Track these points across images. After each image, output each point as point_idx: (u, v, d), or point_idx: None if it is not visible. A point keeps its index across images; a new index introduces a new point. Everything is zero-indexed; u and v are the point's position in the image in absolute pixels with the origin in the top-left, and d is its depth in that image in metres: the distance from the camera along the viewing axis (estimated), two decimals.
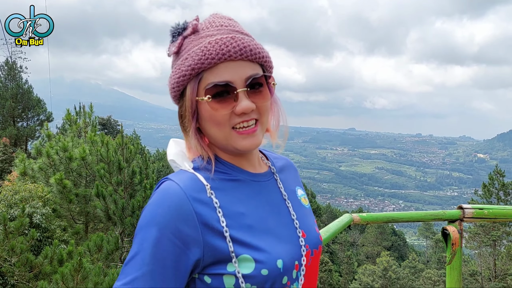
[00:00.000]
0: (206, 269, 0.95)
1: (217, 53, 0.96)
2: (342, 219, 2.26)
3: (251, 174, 1.08)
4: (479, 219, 2.42)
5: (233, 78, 0.97)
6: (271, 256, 0.96)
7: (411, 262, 41.79)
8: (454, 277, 2.40)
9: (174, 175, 0.99)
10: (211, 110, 0.98)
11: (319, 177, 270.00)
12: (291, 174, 1.23)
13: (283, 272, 0.97)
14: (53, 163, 10.34)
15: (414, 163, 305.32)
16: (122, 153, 10.16)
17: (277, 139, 1.15)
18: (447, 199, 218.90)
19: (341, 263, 45.99)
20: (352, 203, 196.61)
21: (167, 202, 0.93)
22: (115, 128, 33.56)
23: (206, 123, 1.02)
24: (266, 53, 1.03)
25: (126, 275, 0.90)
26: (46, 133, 11.86)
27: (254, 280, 0.93)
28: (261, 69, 1.03)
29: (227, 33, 1.00)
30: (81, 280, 7.57)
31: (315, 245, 1.10)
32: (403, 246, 57.93)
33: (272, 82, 1.05)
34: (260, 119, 1.01)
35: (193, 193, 0.95)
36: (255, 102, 0.99)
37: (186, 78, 0.99)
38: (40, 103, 30.23)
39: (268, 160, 1.19)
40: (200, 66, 0.97)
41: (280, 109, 1.13)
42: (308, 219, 1.15)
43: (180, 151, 1.08)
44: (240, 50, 0.97)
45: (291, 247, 1.02)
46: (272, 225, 1.02)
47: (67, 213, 10.65)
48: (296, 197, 1.17)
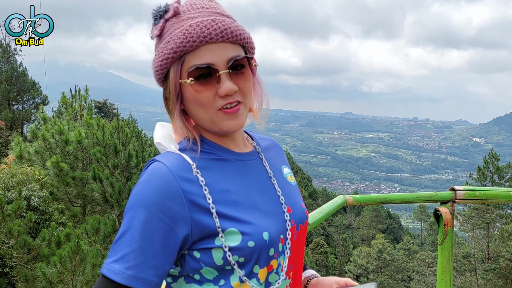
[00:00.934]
0: (195, 245, 0.98)
1: (198, 36, 0.97)
2: (335, 200, 2.30)
3: (236, 153, 1.10)
4: (471, 200, 2.47)
5: (215, 60, 0.98)
6: (257, 228, 0.99)
7: (406, 244, 42.38)
8: (445, 257, 2.45)
9: (160, 156, 1.02)
10: (195, 92, 1.00)
11: (315, 161, 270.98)
12: (277, 154, 1.26)
13: (269, 244, 1.00)
14: (49, 146, 10.33)
15: (410, 147, 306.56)
16: (118, 137, 10.15)
17: (259, 119, 1.17)
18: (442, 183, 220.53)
19: (336, 245, 46.56)
20: (348, 186, 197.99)
21: (154, 181, 0.95)
22: (111, 112, 33.42)
23: (190, 105, 1.03)
24: (247, 35, 1.04)
25: (117, 252, 0.92)
26: (42, 116, 11.81)
27: (241, 252, 0.97)
28: (243, 50, 1.04)
29: (208, 16, 1.00)
30: (79, 262, 7.64)
31: (301, 220, 1.13)
32: (398, 229, 58.62)
33: (254, 64, 1.07)
34: (243, 101, 1.03)
35: (180, 172, 0.98)
36: (238, 83, 1.01)
37: (168, 61, 1.01)
38: (35, 86, 29.99)
39: (253, 140, 1.22)
40: (182, 49, 0.98)
41: (264, 90, 1.15)
42: (294, 195, 1.18)
43: (166, 133, 1.10)
44: (221, 32, 0.98)
45: (276, 221, 1.05)
46: (257, 201, 1.05)
47: (64, 196, 10.68)
48: (282, 174, 1.20)
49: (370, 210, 52.08)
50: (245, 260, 0.98)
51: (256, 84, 1.13)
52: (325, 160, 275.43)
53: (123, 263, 0.91)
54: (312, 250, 35.79)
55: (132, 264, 0.91)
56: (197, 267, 0.99)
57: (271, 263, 1.02)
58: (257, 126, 1.20)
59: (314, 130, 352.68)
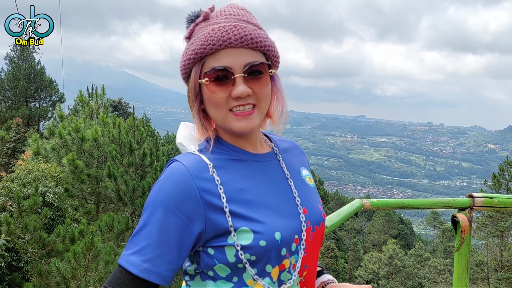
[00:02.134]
0: (209, 242, 1.03)
1: (218, 40, 1.03)
2: (352, 204, 2.30)
3: (252, 154, 1.14)
4: (489, 207, 2.45)
5: (232, 64, 1.03)
6: (269, 228, 1.02)
7: (418, 250, 41.82)
8: (462, 264, 2.44)
9: (180, 157, 1.08)
10: (210, 92, 1.05)
11: (327, 164, 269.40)
12: (296, 155, 1.29)
13: (281, 244, 1.03)
14: (66, 144, 10.47)
15: (424, 152, 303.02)
16: (133, 135, 10.25)
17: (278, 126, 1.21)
18: (456, 189, 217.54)
19: (347, 250, 46.20)
20: (360, 190, 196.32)
21: (172, 180, 1.01)
22: (125, 110, 33.75)
23: (207, 105, 1.09)
24: (269, 43, 1.09)
25: (135, 245, 0.99)
26: (59, 114, 11.98)
27: (253, 251, 1.00)
28: (264, 57, 1.09)
29: (232, 22, 1.06)
30: (92, 258, 7.74)
31: (317, 222, 1.16)
32: (410, 235, 57.91)
33: (270, 71, 1.09)
34: (258, 105, 1.07)
35: (197, 171, 1.02)
36: (253, 88, 1.05)
37: (190, 62, 1.07)
38: (52, 84, 30.42)
39: (271, 142, 1.24)
40: (203, 51, 1.04)
41: (284, 98, 1.19)
42: (312, 197, 1.20)
43: (189, 133, 1.15)
44: (240, 38, 1.03)
45: (291, 222, 1.08)
46: (272, 201, 1.09)
47: (79, 193, 10.82)
48: (300, 176, 1.23)
49: (382, 215, 51.57)
50: (257, 258, 1.01)
51: (278, 92, 1.17)
52: (337, 163, 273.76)
53: (140, 255, 0.97)
54: (323, 254, 35.59)
55: (148, 258, 0.97)
56: (211, 264, 1.03)
57: (283, 262, 1.04)
58: (275, 132, 1.24)
59: (327, 133, 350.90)
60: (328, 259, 36.13)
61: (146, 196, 9.74)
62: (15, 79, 28.50)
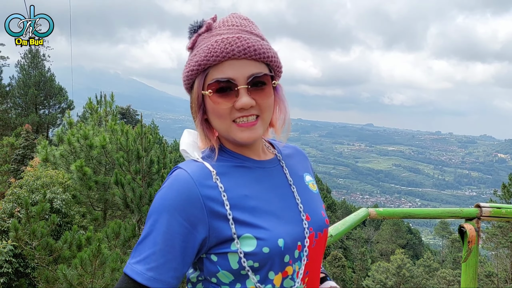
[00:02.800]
0: (212, 249, 1.03)
1: (222, 51, 1.03)
2: (358, 213, 2.28)
3: (256, 161, 1.14)
4: (497, 218, 2.42)
5: (235, 76, 1.03)
6: (272, 234, 1.02)
7: (426, 261, 41.31)
8: (469, 275, 2.41)
9: (184, 164, 1.08)
10: (213, 104, 1.06)
11: (335, 172, 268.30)
12: (300, 161, 1.29)
13: (284, 250, 1.03)
14: (74, 150, 10.55)
15: (432, 161, 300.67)
16: (141, 143, 10.31)
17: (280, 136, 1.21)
18: (465, 199, 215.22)
19: (354, 259, 45.81)
20: (367, 199, 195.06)
21: (176, 187, 1.01)
22: (134, 118, 33.97)
23: (210, 115, 1.09)
24: (272, 53, 1.09)
25: (140, 253, 0.99)
26: (68, 121, 12.10)
27: (256, 257, 1.00)
28: (268, 68, 1.09)
29: (235, 33, 1.06)
30: (99, 265, 7.75)
31: (320, 228, 1.15)
32: (418, 245, 57.30)
33: (274, 82, 1.10)
34: (261, 115, 1.08)
35: (200, 179, 1.03)
36: (256, 99, 1.05)
37: (194, 73, 1.08)
38: (62, 91, 30.75)
39: (274, 148, 1.25)
40: (206, 63, 1.04)
41: (287, 107, 1.19)
42: (315, 203, 1.20)
43: (192, 141, 1.16)
44: (244, 50, 1.03)
45: (294, 228, 1.08)
46: (275, 207, 1.09)
47: (87, 199, 10.87)
48: (303, 182, 1.23)
49: (390, 225, 51.13)
50: (260, 265, 1.01)
51: (280, 102, 1.17)
52: (344, 172, 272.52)
53: (145, 264, 0.97)
54: (330, 263, 35.33)
55: (153, 266, 0.97)
56: (214, 270, 1.03)
57: (286, 269, 1.04)
58: (278, 140, 1.24)
59: (334, 141, 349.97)
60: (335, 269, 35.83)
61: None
62: (25, 86, 28.86)
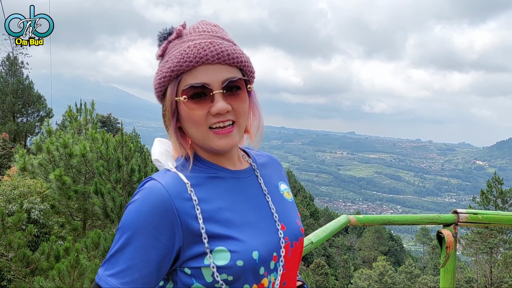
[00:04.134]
0: (186, 263, 1.01)
1: (195, 56, 1.02)
2: (339, 220, 2.30)
3: (231, 171, 1.12)
4: (473, 223, 2.46)
5: (210, 80, 1.02)
6: (247, 247, 1.00)
7: (408, 267, 41.74)
8: (448, 280, 2.43)
9: (157, 175, 1.05)
10: (188, 110, 1.03)
11: (317, 180, 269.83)
12: (274, 170, 1.28)
13: (259, 263, 1.01)
14: (53, 159, 10.34)
15: (413, 168, 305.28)
16: (121, 151, 10.18)
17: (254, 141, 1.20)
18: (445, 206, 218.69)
19: (337, 266, 45.97)
20: (350, 207, 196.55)
21: (150, 200, 0.98)
22: (114, 126, 33.59)
23: (185, 123, 1.07)
24: (245, 58, 1.08)
25: (113, 266, 0.96)
26: (47, 129, 11.87)
27: (230, 271, 0.98)
28: (241, 73, 1.08)
29: (207, 38, 1.05)
30: (78, 276, 7.58)
31: (295, 238, 1.14)
32: (400, 251, 57.89)
33: (249, 86, 1.09)
34: (237, 121, 1.06)
35: (175, 191, 1.00)
36: (232, 104, 1.04)
37: (166, 80, 1.05)
38: (40, 99, 30.22)
39: (249, 157, 1.23)
40: (179, 68, 1.03)
41: (261, 113, 1.18)
42: (290, 212, 1.19)
43: (165, 150, 1.13)
44: (217, 54, 1.03)
45: (269, 239, 1.06)
46: (250, 218, 1.07)
47: (66, 209, 10.64)
48: (278, 191, 1.21)
49: (372, 232, 51.57)
50: (234, 278, 0.99)
51: (254, 108, 1.16)
52: (327, 179, 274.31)
53: (120, 278, 0.95)
54: (313, 271, 35.34)
55: (127, 280, 0.95)
56: (189, 283, 1.01)
57: (262, 281, 1.03)
58: (252, 147, 1.23)
59: (317, 149, 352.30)
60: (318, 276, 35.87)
61: None
62: (3, 94, 28.27)
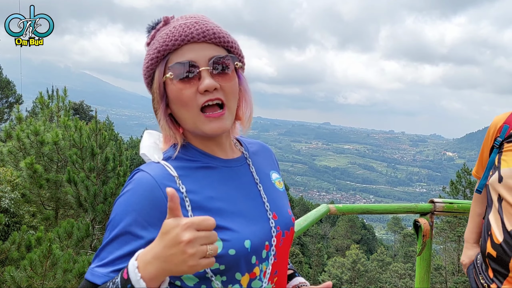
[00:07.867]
0: None
1: (180, 35, 1.01)
2: (319, 209, 2.32)
3: (223, 160, 1.11)
4: (449, 212, 2.53)
5: (196, 58, 1.01)
6: (239, 236, 1.00)
7: (379, 255, 42.82)
8: (423, 268, 2.50)
9: (145, 166, 1.03)
10: (177, 90, 1.01)
11: (293, 170, 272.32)
12: (266, 158, 1.27)
13: (251, 252, 1.01)
14: (24, 147, 10.06)
15: (386, 159, 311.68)
16: (95, 139, 9.97)
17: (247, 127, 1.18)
18: (416, 195, 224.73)
19: (311, 255, 46.68)
20: (324, 196, 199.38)
21: (140, 190, 0.97)
22: (87, 114, 32.87)
23: (175, 106, 1.04)
24: (232, 39, 1.08)
25: (103, 258, 0.94)
26: (17, 116, 11.51)
27: (222, 260, 0.97)
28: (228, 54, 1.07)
29: (192, 20, 1.05)
30: (50, 266, 7.44)
31: (287, 227, 1.14)
32: (372, 240, 59.24)
33: (236, 64, 1.08)
34: (226, 102, 1.04)
35: (164, 180, 0.99)
36: (219, 82, 1.02)
37: (153, 62, 1.04)
38: (9, 84, 29.25)
39: (242, 145, 1.22)
40: (165, 48, 1.02)
41: (252, 100, 1.17)
42: (281, 201, 1.18)
43: (153, 142, 1.11)
44: (203, 33, 1.02)
45: (261, 228, 1.06)
46: (242, 207, 1.06)
47: (37, 198, 10.40)
48: (270, 180, 1.21)
49: (345, 221, 52.51)
50: (226, 267, 0.98)
51: (246, 94, 1.14)
52: (302, 169, 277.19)
53: (109, 267, 0.92)
54: None
55: (117, 268, 0.92)
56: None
57: (254, 270, 1.02)
58: (244, 133, 1.21)
59: (293, 139, 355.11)
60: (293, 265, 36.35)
61: (108, 202, 9.47)
62: None
